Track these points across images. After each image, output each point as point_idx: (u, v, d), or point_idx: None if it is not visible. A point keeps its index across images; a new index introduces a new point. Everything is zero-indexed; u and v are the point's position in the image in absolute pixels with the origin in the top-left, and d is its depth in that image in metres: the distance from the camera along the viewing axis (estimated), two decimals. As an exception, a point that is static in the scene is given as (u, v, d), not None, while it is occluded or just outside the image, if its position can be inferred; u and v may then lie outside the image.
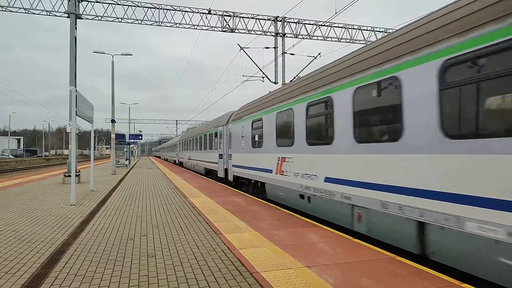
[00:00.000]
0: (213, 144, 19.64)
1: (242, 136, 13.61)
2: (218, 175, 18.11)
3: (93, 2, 19.15)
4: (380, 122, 5.92)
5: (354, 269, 4.42)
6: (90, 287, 3.93)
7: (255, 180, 12.42)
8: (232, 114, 16.30)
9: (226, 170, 16.65)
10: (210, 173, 21.49)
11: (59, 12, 18.32)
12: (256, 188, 12.73)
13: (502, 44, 3.80)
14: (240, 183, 14.83)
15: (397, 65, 5.32)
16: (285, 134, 9.69)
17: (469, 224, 4.09)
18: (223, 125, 17.34)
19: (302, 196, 8.59)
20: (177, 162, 43.99)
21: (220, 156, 17.65)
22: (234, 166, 15.00)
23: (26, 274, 4.37)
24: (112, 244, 5.72)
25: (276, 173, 10.14)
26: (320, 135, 7.91)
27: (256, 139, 12.02)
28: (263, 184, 11.65)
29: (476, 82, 4.13)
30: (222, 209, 9.10)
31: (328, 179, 7.29)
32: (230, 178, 15.86)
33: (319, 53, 18.78)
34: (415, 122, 4.93)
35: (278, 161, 9.99)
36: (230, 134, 15.97)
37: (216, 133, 18.92)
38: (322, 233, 6.38)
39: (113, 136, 25.09)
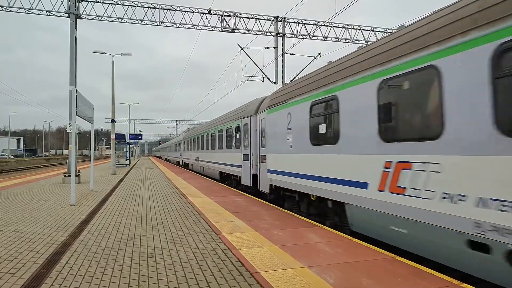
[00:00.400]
0: (234, 141, 15.25)
1: (289, 129, 9.35)
2: (242, 183, 13.87)
3: (93, 2, 19.15)
4: None
5: (354, 269, 4.42)
6: (90, 287, 3.93)
7: (319, 197, 7.98)
8: (264, 100, 12.49)
9: (255, 177, 12.53)
10: (227, 179, 17.10)
11: (59, 12, 18.33)
12: (319, 208, 8.39)
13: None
14: (282, 197, 10.54)
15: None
16: (407, 118, 5.42)
17: None
18: (250, 116, 13.23)
19: (480, 246, 4.06)
20: (181, 163, 38.95)
21: (246, 157, 13.46)
22: (271, 172, 10.66)
23: (26, 274, 4.37)
24: (112, 244, 5.72)
25: (381, 190, 5.70)
26: None
27: (322, 131, 7.76)
28: (340, 204, 7.11)
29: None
30: (222, 209, 9.10)
31: None
32: (265, 188, 11.39)
33: (319, 53, 18.78)
34: None
35: (388, 168, 5.55)
36: (263, 127, 11.69)
37: (238, 127, 14.56)
38: (322, 233, 6.38)
39: (113, 136, 25.10)
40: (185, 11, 20.70)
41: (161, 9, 20.40)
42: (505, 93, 3.88)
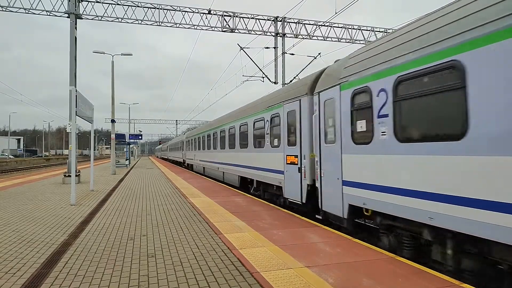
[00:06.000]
0: (270, 137, 10.74)
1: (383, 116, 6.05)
2: (286, 195, 9.51)
3: (93, 2, 19.14)
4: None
5: (354, 269, 4.42)
6: (90, 287, 3.94)
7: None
8: (326, 70, 8.13)
9: (312, 190, 8.18)
10: (252, 186, 13.09)
11: (59, 12, 18.32)
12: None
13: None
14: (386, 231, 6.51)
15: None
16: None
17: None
18: (299, 98, 8.86)
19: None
20: (185, 162, 34.77)
21: (292, 160, 9.13)
22: (349, 184, 6.62)
23: (26, 274, 4.37)
24: (112, 244, 5.72)
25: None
26: None
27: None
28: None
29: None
30: (222, 209, 9.10)
31: None
32: (335, 211, 7.07)
33: (319, 53, 18.79)
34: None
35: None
36: (327, 115, 7.51)
37: (277, 117, 10.28)
38: (322, 233, 6.38)
39: (113, 136, 25.10)
40: (185, 11, 20.71)
41: (161, 9, 20.40)
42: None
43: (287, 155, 9.49)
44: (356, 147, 6.41)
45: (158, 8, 20.35)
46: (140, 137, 46.17)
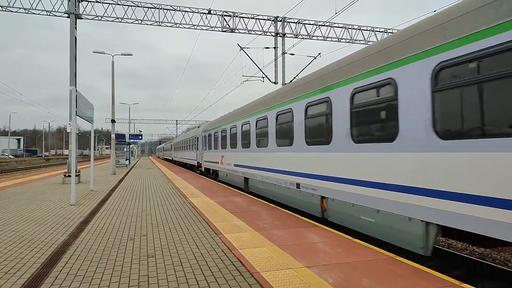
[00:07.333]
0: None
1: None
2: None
3: (93, 2, 19.13)
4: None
5: (354, 269, 4.42)
6: (90, 287, 3.94)
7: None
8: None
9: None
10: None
11: (59, 12, 18.31)
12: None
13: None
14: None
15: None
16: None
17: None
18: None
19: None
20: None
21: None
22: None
23: (26, 274, 4.37)
24: (112, 244, 5.72)
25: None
26: None
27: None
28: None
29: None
30: (222, 209, 9.10)
31: None
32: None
33: (319, 53, 18.79)
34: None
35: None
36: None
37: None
38: (322, 233, 6.38)
39: (113, 136, 25.09)
40: (185, 11, 20.69)
41: (161, 9, 20.38)
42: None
43: None
44: None
45: (158, 8, 20.34)
46: (140, 137, 46.13)
